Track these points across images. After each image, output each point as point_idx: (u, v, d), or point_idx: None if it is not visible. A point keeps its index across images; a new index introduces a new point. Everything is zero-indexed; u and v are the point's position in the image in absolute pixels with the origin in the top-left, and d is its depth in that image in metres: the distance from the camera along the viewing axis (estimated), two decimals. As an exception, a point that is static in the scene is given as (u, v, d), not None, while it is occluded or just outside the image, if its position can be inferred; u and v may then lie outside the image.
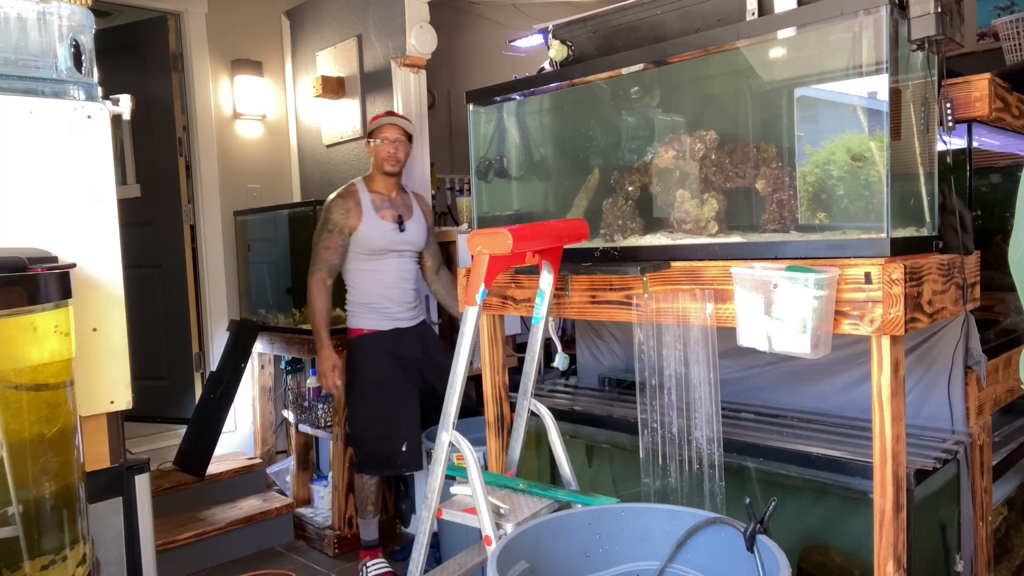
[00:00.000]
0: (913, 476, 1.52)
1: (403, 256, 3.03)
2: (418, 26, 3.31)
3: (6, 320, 1.17)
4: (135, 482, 1.61)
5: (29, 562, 1.22)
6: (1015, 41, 3.46)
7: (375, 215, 2.95)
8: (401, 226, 2.98)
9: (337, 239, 2.91)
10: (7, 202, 1.40)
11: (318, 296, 2.91)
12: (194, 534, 3.14)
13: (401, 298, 3.02)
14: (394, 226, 2.97)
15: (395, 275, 3.00)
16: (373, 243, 2.94)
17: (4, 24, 1.41)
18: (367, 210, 2.94)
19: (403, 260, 3.03)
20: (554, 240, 1.75)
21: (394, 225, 2.97)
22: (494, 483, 1.81)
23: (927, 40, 1.50)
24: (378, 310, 2.98)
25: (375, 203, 2.96)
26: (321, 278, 2.91)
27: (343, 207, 2.92)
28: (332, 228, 2.91)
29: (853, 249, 1.49)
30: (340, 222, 2.91)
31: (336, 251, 2.92)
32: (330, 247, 2.90)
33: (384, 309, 2.98)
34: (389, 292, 2.99)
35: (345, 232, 2.91)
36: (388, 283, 2.99)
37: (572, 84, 2.06)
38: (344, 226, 2.91)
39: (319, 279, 2.92)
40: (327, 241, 2.91)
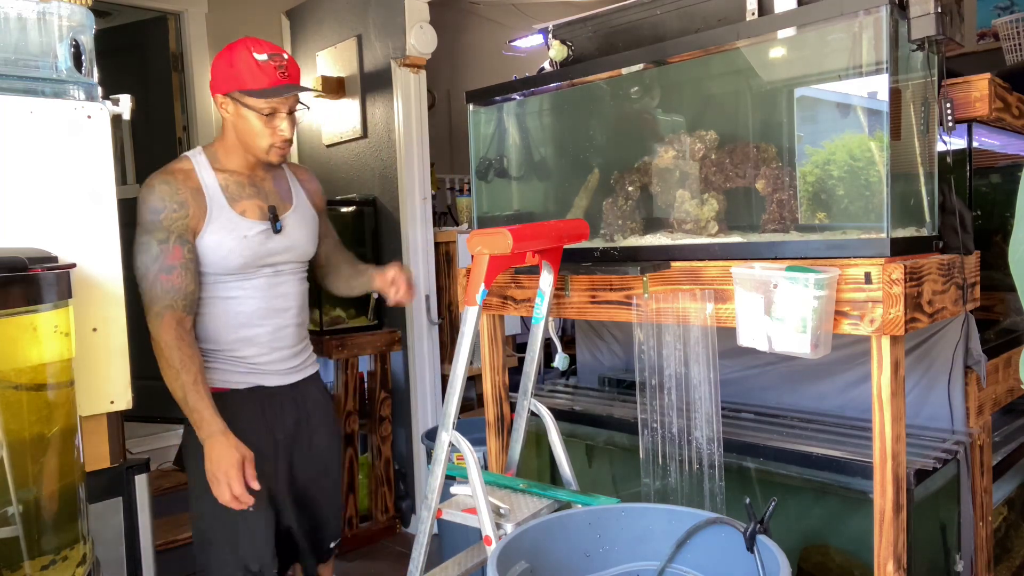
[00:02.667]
0: (913, 476, 1.52)
1: (280, 272, 1.94)
2: (418, 26, 3.31)
3: (6, 320, 1.17)
4: (135, 482, 1.61)
5: (29, 562, 1.22)
6: (1015, 41, 3.46)
7: (229, 209, 1.83)
8: (275, 224, 1.88)
9: (178, 252, 1.76)
10: (7, 202, 1.41)
11: (179, 348, 1.73)
12: (194, 534, 3.14)
13: (267, 335, 1.92)
14: (263, 226, 1.87)
15: (264, 305, 1.90)
16: (228, 257, 1.83)
17: (4, 24, 1.41)
18: (214, 201, 1.82)
19: (281, 279, 1.94)
20: (554, 240, 1.75)
21: (263, 225, 1.87)
22: (494, 483, 1.80)
23: (927, 40, 1.50)
24: (230, 358, 1.89)
25: (228, 189, 1.84)
26: (175, 319, 1.75)
27: (171, 196, 1.77)
28: (164, 236, 1.76)
29: (853, 249, 1.49)
30: (174, 223, 1.77)
31: (185, 270, 1.77)
32: (172, 266, 1.75)
33: (239, 356, 1.89)
34: (247, 331, 1.89)
35: (187, 237, 1.78)
36: (246, 318, 1.88)
37: (572, 84, 2.06)
38: (183, 228, 1.78)
39: (172, 322, 1.74)
40: (163, 258, 1.75)
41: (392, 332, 3.45)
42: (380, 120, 3.51)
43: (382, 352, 3.41)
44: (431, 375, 3.49)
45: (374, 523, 3.41)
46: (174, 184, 1.79)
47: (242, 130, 1.85)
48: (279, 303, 1.95)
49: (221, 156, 1.89)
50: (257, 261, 1.88)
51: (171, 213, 1.77)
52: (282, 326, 1.96)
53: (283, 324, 1.96)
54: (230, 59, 1.82)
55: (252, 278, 1.89)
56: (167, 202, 1.77)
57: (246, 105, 1.81)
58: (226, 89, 1.82)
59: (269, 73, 1.79)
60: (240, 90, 1.80)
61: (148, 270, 1.76)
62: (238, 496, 1.73)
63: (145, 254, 1.76)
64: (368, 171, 3.60)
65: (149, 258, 1.76)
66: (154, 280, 1.75)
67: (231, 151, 1.89)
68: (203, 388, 1.75)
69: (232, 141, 1.88)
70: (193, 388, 1.73)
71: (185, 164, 1.86)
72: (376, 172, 3.55)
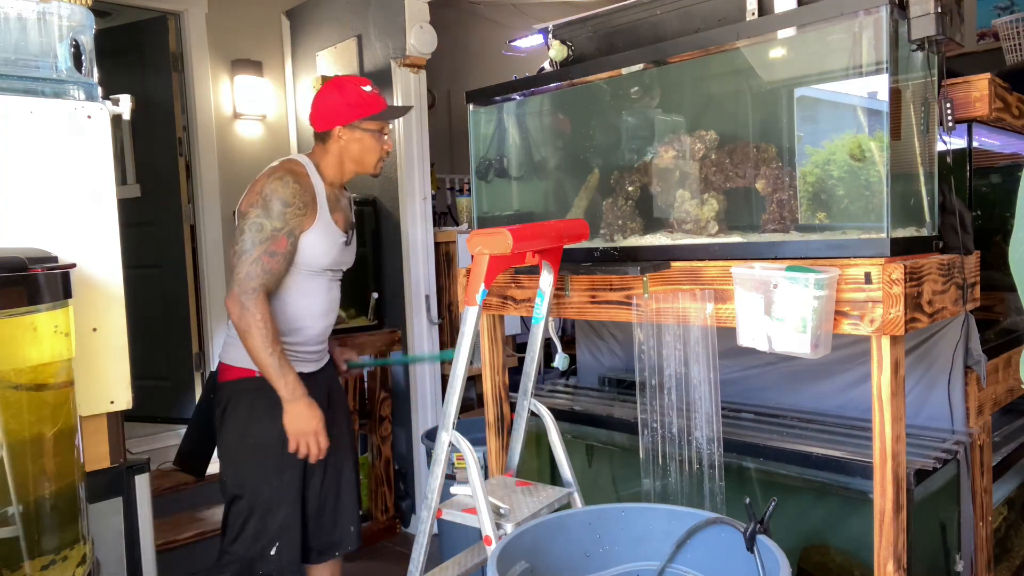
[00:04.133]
0: (913, 476, 1.52)
1: (335, 279, 2.19)
2: (418, 26, 3.31)
3: (6, 320, 1.17)
4: (135, 482, 1.61)
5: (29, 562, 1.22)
6: (1015, 41, 3.46)
7: (329, 217, 2.08)
8: (348, 238, 2.17)
9: (285, 242, 1.97)
10: (7, 202, 1.40)
11: (268, 322, 1.93)
12: (194, 534, 3.14)
13: (320, 334, 2.16)
14: (344, 237, 2.13)
15: (324, 303, 2.13)
16: (321, 257, 2.06)
17: (4, 24, 1.41)
18: (321, 207, 2.06)
19: (335, 284, 2.19)
20: (554, 240, 1.75)
21: (344, 236, 2.13)
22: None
23: (927, 40, 1.50)
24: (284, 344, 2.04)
25: (329, 199, 2.09)
26: (265, 297, 1.95)
27: (300, 196, 1.99)
28: (282, 225, 1.96)
29: (853, 249, 1.49)
30: (293, 219, 1.98)
31: (284, 259, 1.98)
32: (276, 253, 1.95)
33: (293, 345, 2.08)
34: (308, 324, 2.10)
35: (296, 234, 1.99)
36: (314, 312, 2.10)
37: (572, 84, 2.06)
38: (297, 225, 1.99)
39: (264, 299, 1.94)
40: (273, 243, 1.95)
41: (392, 332, 3.45)
42: (380, 120, 3.50)
43: (382, 352, 3.41)
44: (431, 375, 3.49)
45: (374, 523, 3.41)
46: (303, 185, 2.01)
47: (357, 151, 2.11)
48: (332, 304, 2.19)
49: (323, 170, 2.12)
50: (333, 265, 2.13)
51: (296, 210, 1.99)
52: (327, 326, 2.19)
53: (328, 324, 2.19)
54: (345, 94, 2.08)
55: (321, 278, 2.11)
56: (296, 199, 1.99)
57: (365, 130, 2.09)
58: (348, 120, 2.07)
59: (378, 101, 2.11)
60: (363, 118, 2.07)
61: (256, 247, 1.95)
62: (323, 448, 2.01)
63: (258, 233, 1.95)
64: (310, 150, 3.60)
65: (260, 238, 1.95)
66: (258, 258, 1.95)
67: (331, 170, 2.12)
68: (284, 360, 1.97)
69: (336, 161, 2.11)
70: (283, 357, 1.96)
71: (304, 168, 2.07)
72: (376, 172, 3.55)
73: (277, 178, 1.98)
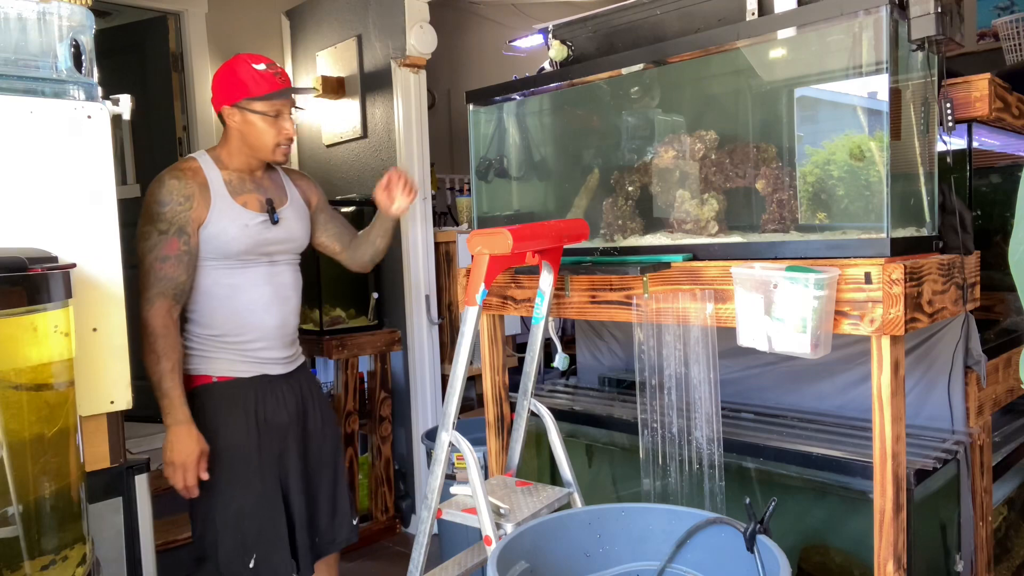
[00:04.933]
0: (913, 476, 1.52)
1: (276, 263, 2.04)
2: (418, 26, 3.31)
3: (6, 320, 1.17)
4: (135, 482, 1.61)
5: (29, 562, 1.22)
6: (1015, 41, 3.46)
7: (231, 201, 1.94)
8: (273, 215, 2.00)
9: (176, 244, 1.86)
10: (7, 202, 1.41)
11: (165, 336, 1.85)
12: (194, 534, 3.13)
13: (275, 329, 2.02)
14: (263, 217, 1.98)
15: (265, 293, 2.00)
16: (230, 243, 1.93)
17: (4, 24, 1.41)
18: (217, 195, 1.93)
19: (277, 269, 2.04)
20: (554, 240, 1.75)
21: (262, 216, 1.98)
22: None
23: (927, 40, 1.50)
24: (236, 347, 1.97)
25: (231, 184, 1.96)
26: (165, 307, 1.86)
27: (179, 190, 1.88)
28: (165, 227, 1.86)
29: (853, 249, 1.50)
30: (177, 216, 1.87)
31: (179, 261, 1.87)
32: (168, 257, 1.86)
33: (246, 345, 1.97)
34: (256, 319, 1.98)
35: (188, 230, 1.88)
36: (255, 305, 1.98)
37: (572, 84, 2.06)
38: (185, 221, 1.87)
39: (162, 309, 1.85)
40: (161, 248, 1.85)
41: (392, 332, 3.45)
42: (380, 120, 3.51)
43: (382, 352, 3.41)
44: (431, 375, 3.49)
45: (374, 523, 3.41)
46: (183, 179, 1.91)
47: (249, 135, 1.98)
48: (281, 292, 2.05)
49: (224, 158, 2.01)
50: (257, 249, 1.98)
51: (176, 206, 1.88)
52: (286, 317, 2.06)
53: (287, 313, 2.07)
54: (232, 73, 1.97)
55: (252, 266, 1.99)
56: (174, 195, 1.89)
57: (253, 111, 1.95)
58: (232, 100, 1.96)
59: (269, 80, 1.96)
60: (247, 98, 1.94)
61: (145, 257, 1.88)
62: (189, 487, 1.90)
63: (145, 242, 1.88)
64: (368, 171, 3.60)
65: (148, 246, 1.88)
66: (150, 267, 1.87)
67: (234, 154, 2.01)
68: (179, 377, 1.88)
69: (236, 146, 2.00)
70: (170, 375, 1.86)
71: (192, 163, 1.98)
72: (376, 172, 3.55)
73: (155, 182, 1.90)
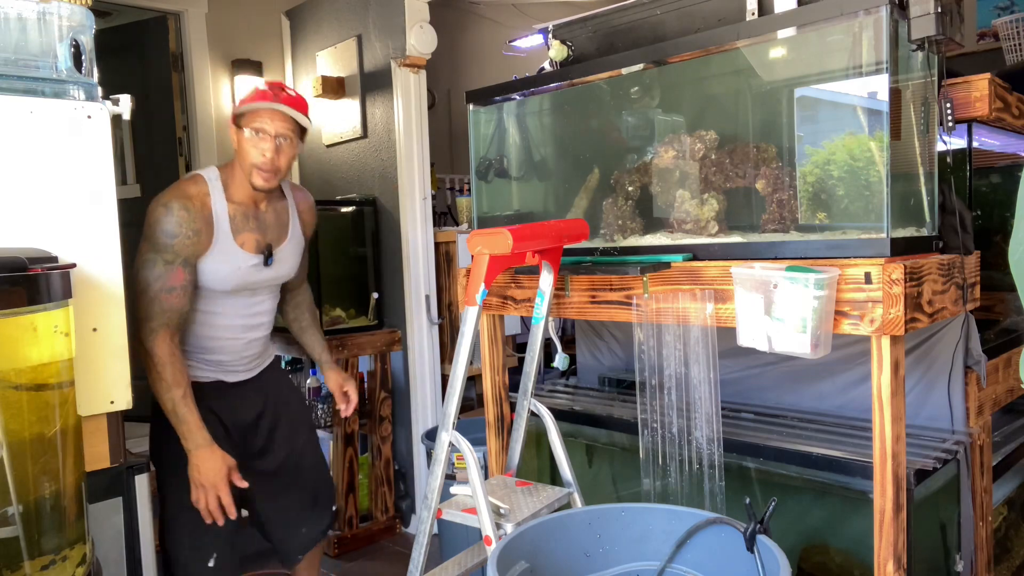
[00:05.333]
0: (913, 476, 1.52)
1: (257, 294, 2.05)
2: (418, 26, 3.31)
3: (6, 320, 1.17)
4: (135, 482, 1.61)
5: (29, 562, 1.22)
6: (1015, 41, 3.46)
7: (231, 240, 1.93)
8: (268, 260, 2.00)
9: (182, 275, 1.85)
10: (7, 202, 1.40)
11: (173, 364, 1.83)
12: (194, 534, 3.13)
13: (240, 350, 2.06)
14: (257, 260, 1.97)
15: (238, 322, 2.03)
16: (219, 281, 1.94)
17: (4, 24, 1.41)
18: (220, 231, 1.90)
19: (257, 299, 2.06)
20: (554, 240, 1.75)
21: (257, 258, 1.97)
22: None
23: (927, 40, 1.50)
24: (202, 358, 2.01)
25: (233, 220, 1.93)
26: (169, 335, 1.84)
27: (188, 223, 1.85)
28: (172, 258, 1.84)
29: (853, 249, 1.50)
30: (185, 248, 1.85)
31: (184, 292, 1.86)
32: (174, 287, 1.84)
33: (212, 359, 2.02)
34: (223, 344, 2.03)
35: (192, 262, 1.87)
36: (225, 332, 2.01)
37: (572, 84, 2.06)
38: (191, 254, 1.86)
39: (166, 338, 1.83)
40: (167, 279, 1.83)
41: (392, 332, 3.45)
42: (380, 120, 3.51)
43: (382, 352, 3.41)
44: (431, 375, 3.49)
45: (374, 523, 3.41)
46: (192, 212, 1.86)
47: (238, 152, 1.95)
48: (254, 320, 2.09)
49: (230, 183, 1.96)
50: (243, 287, 2.00)
51: (184, 239, 1.85)
52: (253, 339, 2.10)
53: (254, 338, 2.10)
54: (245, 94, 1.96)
55: (232, 297, 2.01)
56: (183, 228, 1.85)
57: (239, 125, 1.92)
58: (232, 115, 1.95)
59: (262, 96, 1.91)
60: (237, 111, 1.93)
61: (150, 286, 1.84)
62: (225, 505, 1.87)
63: (150, 271, 1.84)
64: (368, 171, 3.60)
65: (153, 275, 1.84)
66: (155, 296, 1.84)
67: (237, 180, 1.96)
68: (191, 401, 1.86)
69: (237, 169, 1.97)
70: (183, 402, 1.84)
71: (201, 187, 1.91)
72: (376, 172, 3.55)
73: (163, 205, 1.84)
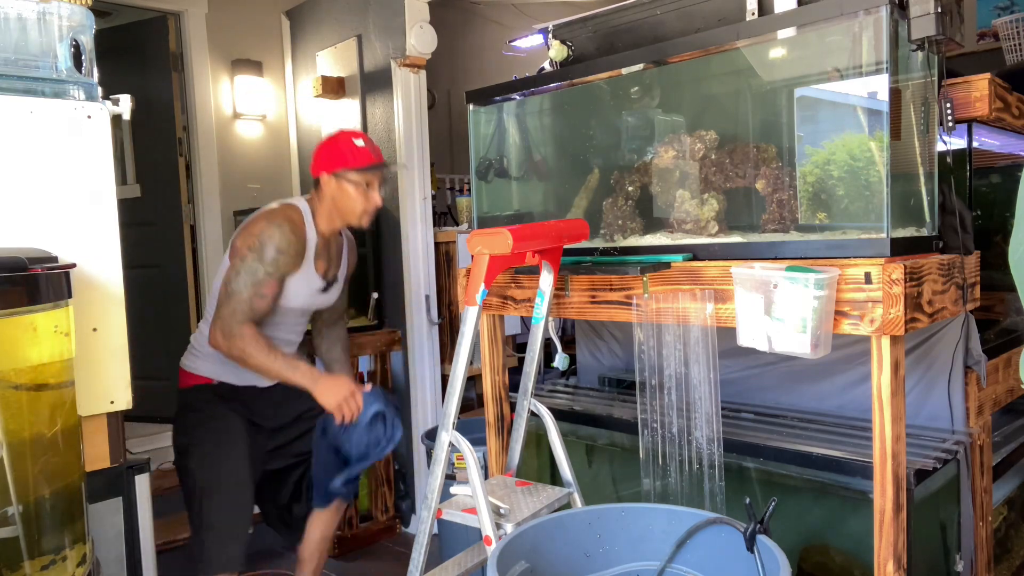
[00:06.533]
0: (913, 476, 1.52)
1: (306, 314, 2.31)
2: (418, 26, 3.31)
3: (6, 320, 1.17)
4: (135, 482, 1.61)
5: (29, 562, 1.22)
6: (1015, 41, 3.46)
7: (312, 266, 2.19)
8: (327, 287, 2.27)
9: (274, 286, 2.09)
10: (7, 202, 1.40)
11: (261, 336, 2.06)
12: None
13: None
14: (322, 284, 2.24)
15: (286, 335, 2.26)
16: (293, 300, 2.18)
17: (4, 24, 1.41)
18: (308, 256, 2.17)
19: (304, 318, 2.31)
20: (554, 240, 1.75)
21: (322, 283, 2.24)
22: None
23: (927, 40, 1.50)
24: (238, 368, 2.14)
25: (317, 248, 2.19)
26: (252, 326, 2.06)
27: (292, 245, 2.09)
28: (273, 271, 2.06)
29: (853, 249, 1.49)
30: (285, 265, 2.09)
31: (270, 301, 2.10)
32: (266, 296, 2.07)
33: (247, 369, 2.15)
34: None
35: (283, 279, 2.11)
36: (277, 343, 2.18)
37: (572, 84, 2.06)
38: (286, 272, 2.10)
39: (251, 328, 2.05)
40: (263, 286, 2.06)
41: (392, 332, 3.45)
42: (380, 120, 3.51)
43: (382, 352, 3.41)
44: (431, 375, 3.49)
45: (374, 523, 3.41)
46: (296, 235, 2.11)
47: (341, 201, 2.17)
48: (296, 336, 2.32)
49: (319, 221, 2.20)
50: (304, 307, 2.24)
51: (287, 258, 2.09)
52: (289, 352, 2.27)
53: (291, 351, 2.30)
54: (335, 145, 2.17)
55: (292, 314, 2.23)
56: (290, 248, 2.09)
57: (349, 181, 2.14)
58: (332, 169, 2.15)
59: (366, 155, 2.16)
60: (345, 168, 2.14)
61: (246, 289, 2.05)
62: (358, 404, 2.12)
63: (251, 276, 2.06)
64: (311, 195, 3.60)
65: (253, 280, 2.06)
66: (249, 300, 2.05)
67: (325, 217, 2.20)
68: (288, 358, 2.09)
69: (328, 208, 2.19)
70: (285, 364, 2.07)
71: (299, 216, 2.16)
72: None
73: (276, 225, 2.07)
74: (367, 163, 2.16)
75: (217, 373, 2.19)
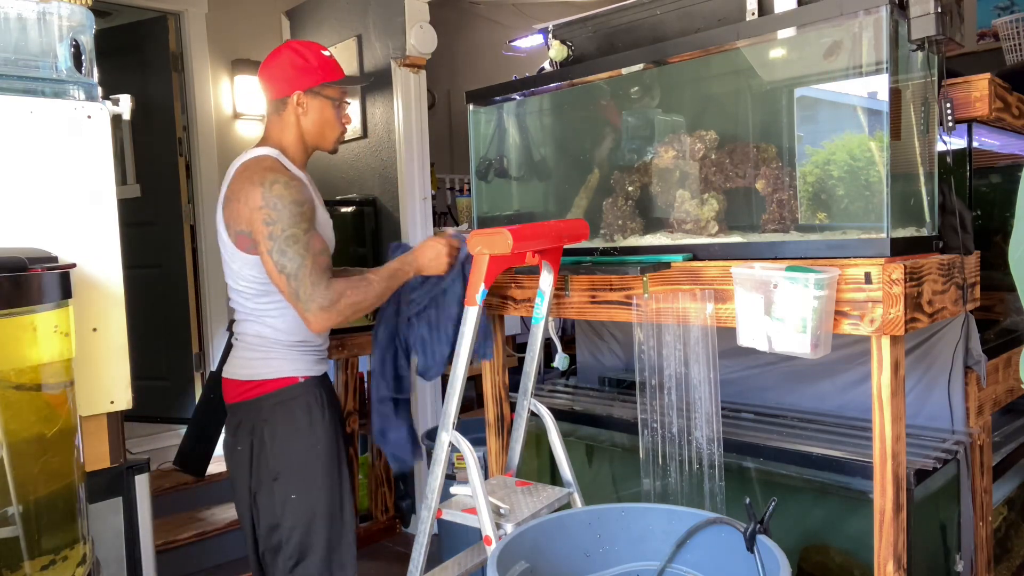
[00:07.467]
0: (913, 476, 1.52)
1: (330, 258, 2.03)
2: (418, 26, 3.31)
3: (6, 320, 1.17)
4: (135, 482, 1.61)
5: (29, 562, 1.22)
6: (1015, 41, 3.46)
7: (323, 207, 1.94)
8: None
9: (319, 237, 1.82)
10: (7, 202, 1.40)
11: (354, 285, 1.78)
12: (194, 534, 3.14)
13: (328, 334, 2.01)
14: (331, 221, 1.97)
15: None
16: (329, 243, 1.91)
17: (4, 24, 1.41)
18: (316, 195, 1.91)
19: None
20: (554, 240, 1.75)
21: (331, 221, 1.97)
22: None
23: (927, 40, 1.50)
24: (310, 348, 1.92)
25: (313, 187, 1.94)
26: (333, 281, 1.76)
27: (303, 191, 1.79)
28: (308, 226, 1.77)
29: (853, 249, 1.49)
30: (311, 212, 1.81)
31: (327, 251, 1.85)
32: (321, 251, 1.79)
33: (317, 346, 1.94)
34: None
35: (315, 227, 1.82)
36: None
37: (572, 84, 2.06)
38: (313, 219, 1.82)
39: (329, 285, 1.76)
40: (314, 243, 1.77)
41: (392, 332, 3.44)
42: (380, 120, 3.51)
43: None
44: (431, 375, 3.48)
45: (374, 523, 3.41)
46: (292, 177, 1.80)
47: (317, 124, 1.88)
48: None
49: (291, 153, 1.89)
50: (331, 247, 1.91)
51: (309, 204, 1.78)
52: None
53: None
54: (301, 59, 1.85)
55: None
56: (303, 194, 1.78)
57: (328, 97, 1.87)
58: (309, 84, 1.84)
59: (338, 66, 1.90)
60: (323, 82, 1.85)
61: (305, 258, 1.73)
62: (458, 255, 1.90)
63: (295, 244, 1.73)
64: (368, 171, 3.60)
65: (303, 247, 1.74)
66: (311, 265, 1.74)
67: (297, 147, 1.90)
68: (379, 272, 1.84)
69: (295, 137, 1.88)
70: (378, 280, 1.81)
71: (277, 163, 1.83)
72: (376, 172, 3.55)
73: (278, 183, 1.75)
74: (343, 74, 1.90)
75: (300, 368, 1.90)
